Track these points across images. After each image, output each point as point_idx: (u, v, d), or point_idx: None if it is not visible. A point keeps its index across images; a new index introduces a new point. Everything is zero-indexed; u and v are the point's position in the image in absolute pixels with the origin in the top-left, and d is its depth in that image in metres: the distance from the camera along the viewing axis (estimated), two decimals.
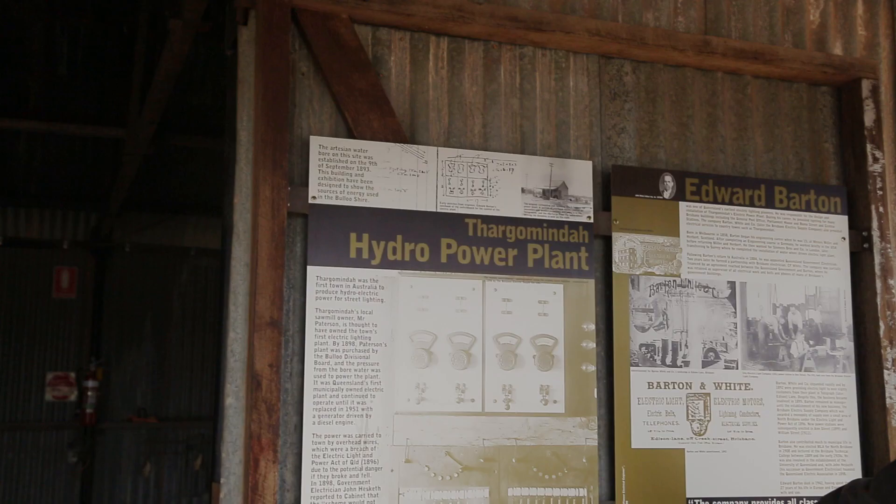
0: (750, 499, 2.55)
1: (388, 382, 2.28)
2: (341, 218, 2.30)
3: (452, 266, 2.39)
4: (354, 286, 2.30)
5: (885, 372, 2.65)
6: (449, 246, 2.39)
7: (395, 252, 2.34)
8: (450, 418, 2.32)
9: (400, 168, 2.38)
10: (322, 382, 2.23)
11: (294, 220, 2.31)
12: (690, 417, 2.54)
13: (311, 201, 2.29)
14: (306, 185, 2.30)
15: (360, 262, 2.31)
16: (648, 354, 2.52)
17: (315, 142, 2.32)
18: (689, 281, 2.59)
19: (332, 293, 2.28)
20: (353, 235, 2.31)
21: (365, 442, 2.24)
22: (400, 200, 2.37)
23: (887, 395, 2.64)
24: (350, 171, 2.33)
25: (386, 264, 2.33)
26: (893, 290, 2.71)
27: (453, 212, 2.41)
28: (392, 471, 2.25)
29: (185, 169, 7.14)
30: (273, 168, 2.23)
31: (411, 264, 2.35)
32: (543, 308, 2.45)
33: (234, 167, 2.31)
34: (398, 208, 2.36)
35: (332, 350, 2.25)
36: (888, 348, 2.66)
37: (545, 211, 2.48)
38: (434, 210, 2.39)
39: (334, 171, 2.31)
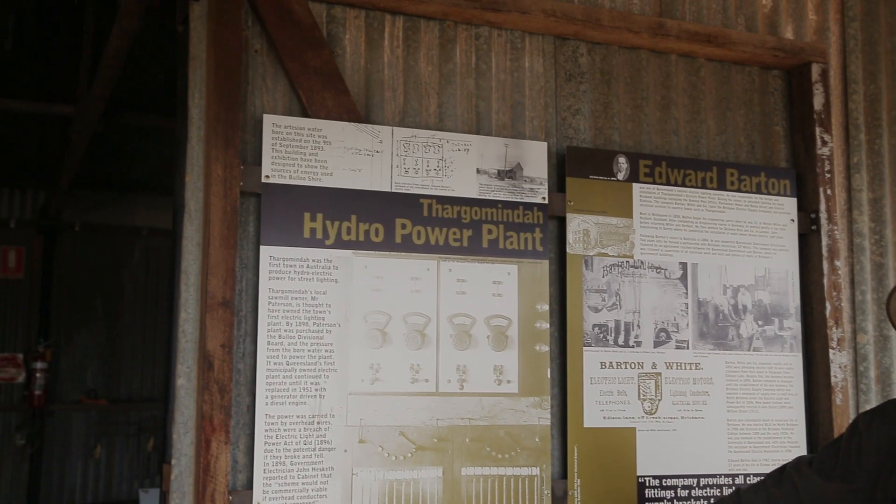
0: (699, 476, 2.60)
1: (342, 363, 2.28)
2: (295, 197, 2.28)
3: (407, 246, 2.38)
4: (308, 266, 2.28)
5: (831, 351, 2.71)
6: (404, 226, 2.38)
7: (349, 232, 2.33)
8: (404, 398, 2.32)
9: (354, 147, 2.36)
10: (275, 363, 2.21)
11: (247, 199, 2.28)
12: (642, 397, 2.57)
13: (264, 180, 2.26)
14: (259, 164, 2.27)
15: (313, 242, 2.29)
16: (601, 335, 2.55)
17: (268, 120, 2.29)
18: (641, 262, 2.61)
19: (286, 273, 2.26)
20: (306, 215, 2.29)
21: (318, 422, 2.23)
22: (354, 180, 2.35)
23: (832, 373, 2.70)
24: (304, 151, 2.31)
25: (340, 244, 2.32)
26: (839, 272, 2.77)
27: (408, 192, 2.40)
28: (345, 451, 2.25)
29: (137, 147, 7.01)
30: (225, 146, 2.20)
31: (366, 244, 2.34)
32: (498, 288, 2.45)
33: (185, 145, 2.27)
34: (353, 188, 2.34)
35: (286, 330, 2.24)
36: (833, 328, 2.72)
37: (500, 192, 2.49)
38: (389, 190, 2.38)
39: (288, 150, 2.29)
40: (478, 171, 2.48)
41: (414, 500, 2.29)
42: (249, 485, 2.19)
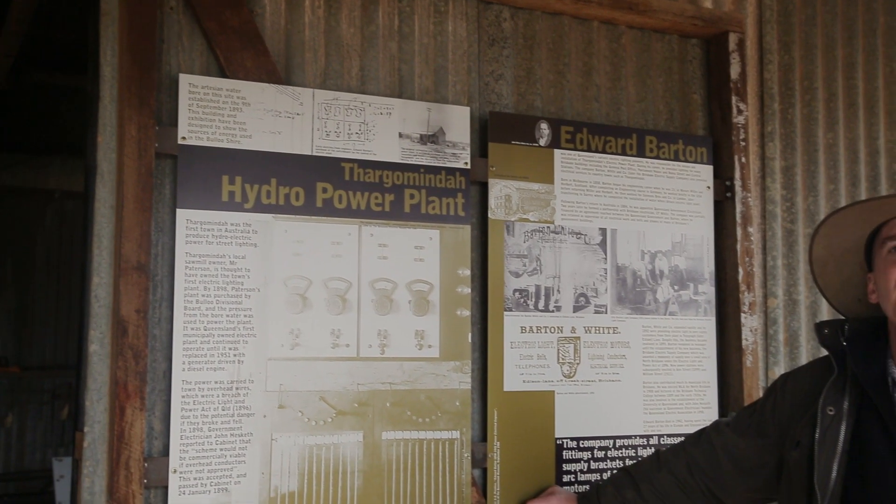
0: (615, 437, 2.65)
1: (262, 328, 2.25)
2: (213, 160, 2.23)
3: (328, 211, 2.36)
4: (227, 230, 2.24)
5: (742, 315, 2.79)
6: (325, 190, 2.36)
7: (269, 196, 2.29)
8: (324, 364, 2.31)
9: (274, 110, 2.32)
10: (192, 328, 2.17)
11: (162, 161, 2.23)
12: (561, 360, 2.61)
13: (180, 142, 2.21)
14: (175, 124, 2.22)
15: (232, 206, 2.25)
16: (522, 299, 2.57)
17: (184, 80, 2.23)
18: (562, 227, 2.64)
19: (203, 237, 2.21)
20: (225, 178, 2.25)
21: (237, 388, 2.21)
22: (274, 143, 2.31)
23: (743, 336, 2.78)
24: (222, 112, 2.26)
25: (259, 208, 2.28)
26: (752, 238, 2.84)
27: (329, 155, 2.37)
28: (265, 416, 2.23)
29: (48, 107, 6.76)
30: (139, 106, 2.13)
31: (286, 208, 2.31)
32: (419, 253, 2.45)
33: (97, 105, 2.20)
34: (273, 151, 2.30)
35: (203, 295, 2.20)
36: (745, 293, 2.80)
37: (422, 156, 2.48)
38: (310, 153, 2.35)
39: (205, 111, 2.23)
40: (400, 135, 2.46)
41: (334, 464, 2.29)
42: (165, 452, 2.15)
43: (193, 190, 2.21)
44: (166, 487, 2.13)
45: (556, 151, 2.65)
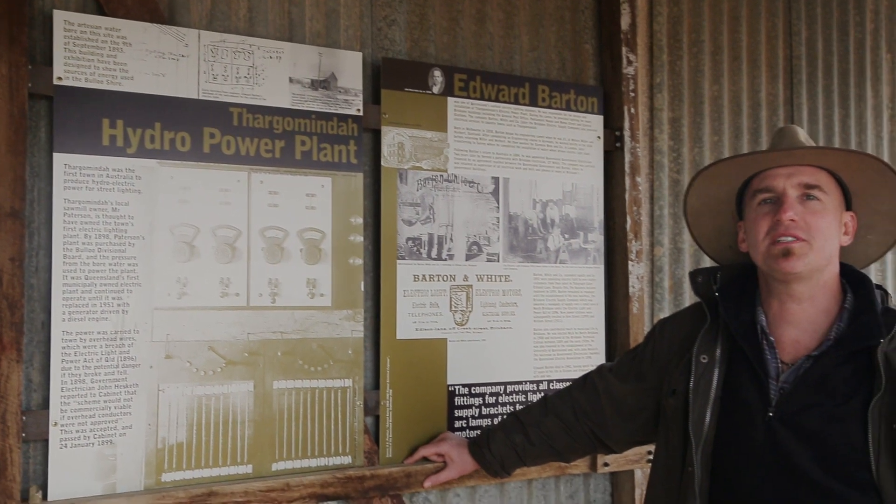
0: (506, 383, 2.70)
1: (147, 277, 2.19)
2: (92, 102, 2.14)
3: (216, 157, 2.29)
4: (108, 176, 2.16)
5: (630, 263, 2.86)
6: (212, 136, 2.29)
7: (153, 141, 2.21)
8: (213, 313, 2.26)
9: (158, 51, 2.23)
10: (72, 277, 2.09)
11: (37, 102, 2.12)
12: (453, 308, 2.62)
13: (56, 83, 2.10)
14: (50, 64, 2.10)
15: (114, 151, 2.17)
16: (415, 248, 2.57)
17: (59, 17, 2.11)
18: (455, 176, 2.64)
19: (83, 183, 2.12)
20: (105, 121, 2.15)
21: (121, 339, 2.14)
22: (158, 86, 2.22)
23: (630, 284, 2.85)
24: (101, 52, 2.16)
25: (143, 153, 2.20)
26: (640, 188, 2.90)
27: (216, 100, 2.30)
28: (151, 367, 2.17)
29: None
30: (9, 44, 2.02)
31: (171, 154, 2.23)
32: (311, 201, 2.42)
33: None
34: (156, 94, 2.22)
35: (84, 243, 2.11)
36: (633, 241, 2.86)
37: (314, 102, 2.43)
38: (196, 97, 2.27)
39: (83, 50, 2.13)
40: (290, 80, 2.40)
41: (224, 414, 2.26)
42: (45, 404, 2.08)
43: (71, 133, 2.11)
44: (46, 441, 2.07)
45: (450, 99, 2.64)
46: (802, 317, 1.81)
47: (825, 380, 1.74)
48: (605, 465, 2.77)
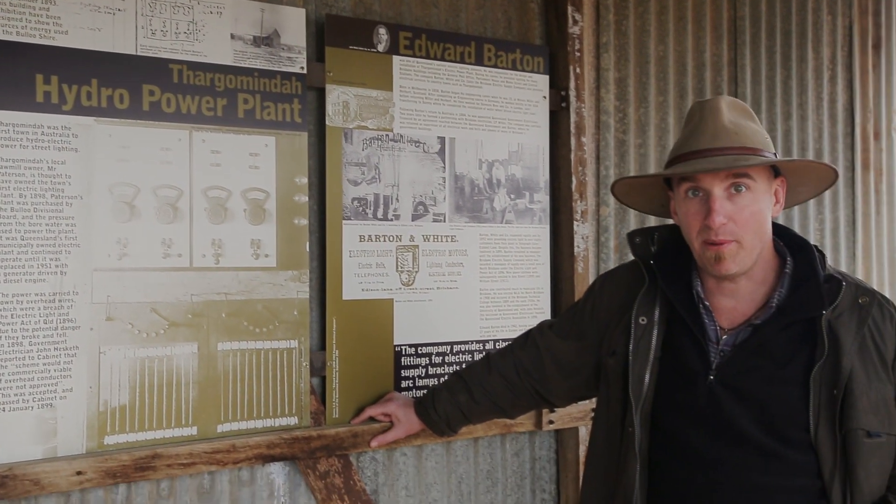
0: (452, 343, 2.71)
1: (86, 237, 2.14)
2: (24, 57, 2.07)
3: (156, 115, 2.24)
4: (43, 133, 2.10)
5: (575, 223, 2.87)
6: (152, 93, 2.24)
7: (89, 98, 2.15)
8: (155, 274, 2.23)
9: (93, 4, 2.16)
10: (7, 238, 2.04)
11: None
12: (400, 269, 2.62)
13: None
14: None
15: (48, 108, 2.10)
16: (360, 208, 2.55)
17: None
18: (401, 136, 2.62)
19: (17, 141, 2.06)
20: (39, 77, 2.09)
21: (60, 300, 2.10)
22: (94, 41, 2.16)
23: (576, 244, 2.87)
24: (33, 5, 2.09)
25: (80, 110, 2.14)
26: (585, 148, 2.91)
27: (156, 56, 2.24)
28: (92, 329, 2.14)
29: None
30: None
31: (109, 111, 2.18)
32: (255, 161, 2.38)
33: None
34: (92, 49, 2.15)
35: (19, 203, 2.06)
36: (578, 201, 2.88)
37: (256, 59, 2.38)
38: (134, 53, 2.22)
39: (12, 2, 2.05)
40: (232, 36, 2.35)
41: (168, 376, 2.24)
42: None
43: (3, 89, 2.04)
44: None
45: (395, 58, 2.61)
46: (739, 290, 1.83)
47: (765, 344, 1.77)
48: (550, 422, 2.81)
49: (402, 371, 2.62)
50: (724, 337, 1.80)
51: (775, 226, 1.88)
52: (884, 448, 1.72)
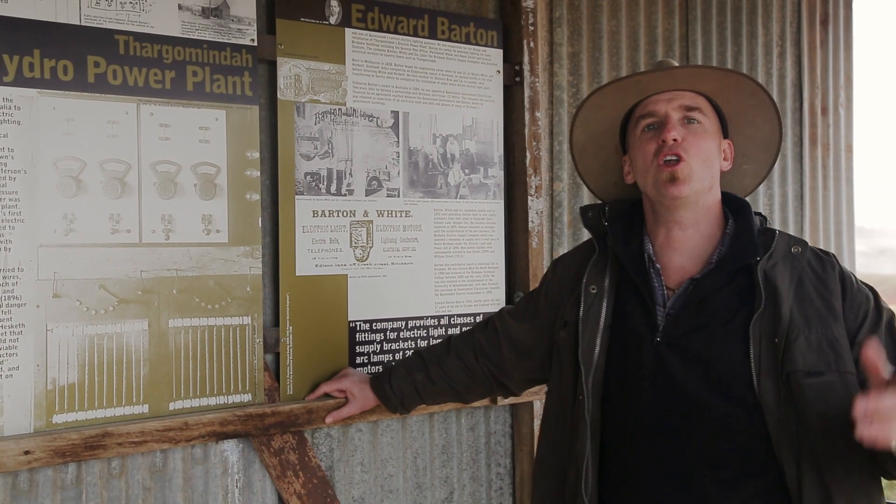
0: (407, 319, 2.70)
1: (31, 213, 2.09)
2: None
3: (102, 87, 2.19)
4: None
5: (530, 198, 2.88)
6: (97, 64, 2.18)
7: (32, 69, 2.09)
8: (103, 250, 2.18)
9: None
10: None
11: None
12: (354, 244, 2.60)
13: None
14: None
15: None
16: (313, 183, 2.52)
17: None
18: (354, 110, 2.59)
19: None
20: None
21: (4, 277, 2.05)
22: (36, 9, 2.10)
23: (530, 219, 2.88)
24: None
25: (22, 82, 2.08)
26: (539, 122, 2.91)
27: (101, 26, 2.19)
28: (38, 306, 2.09)
29: None
30: None
31: (53, 83, 2.12)
32: (205, 135, 2.34)
33: None
34: (33, 19, 2.09)
35: None
36: (532, 176, 2.88)
37: (205, 31, 2.34)
38: (78, 23, 2.16)
39: None
40: (180, 7, 2.30)
41: (118, 353, 2.20)
42: None
43: None
44: None
45: (347, 30, 2.58)
46: (687, 243, 1.87)
47: (708, 302, 1.79)
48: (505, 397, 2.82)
49: (357, 347, 2.60)
50: (670, 299, 1.82)
51: (722, 192, 1.92)
52: (834, 387, 1.67)
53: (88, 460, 2.17)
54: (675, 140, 1.80)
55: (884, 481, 1.77)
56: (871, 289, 1.85)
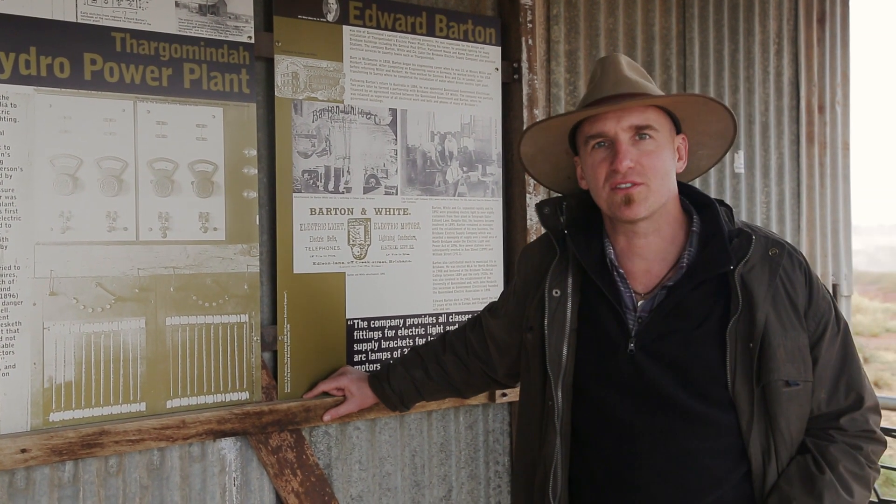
0: (405, 317, 2.70)
1: (27, 210, 2.08)
2: None
3: (98, 84, 2.18)
4: None
5: (528, 196, 2.87)
6: (94, 62, 2.17)
7: (28, 66, 2.08)
8: (100, 248, 2.18)
9: None
10: None
11: None
12: (351, 242, 2.59)
13: None
14: None
15: None
16: (311, 181, 2.52)
17: None
18: (351, 107, 2.59)
19: None
20: None
21: (1, 275, 2.04)
22: (32, 6, 2.09)
23: (528, 217, 2.87)
24: None
25: (18, 79, 2.07)
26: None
27: (97, 23, 2.18)
28: (35, 304, 2.08)
29: None
30: None
31: (49, 80, 2.11)
32: (202, 132, 2.33)
33: None
34: (30, 16, 2.08)
35: None
36: None
37: (202, 28, 2.33)
38: (74, 20, 2.15)
39: None
40: (177, 4, 2.29)
41: (115, 351, 2.19)
42: None
43: None
44: None
45: (345, 28, 2.57)
46: (650, 249, 1.85)
47: (680, 306, 1.78)
48: (503, 395, 2.82)
49: (355, 345, 2.60)
50: (641, 303, 1.81)
51: (680, 185, 1.90)
52: (802, 395, 1.75)
53: (85, 458, 2.16)
54: (629, 168, 1.75)
55: (879, 479, 1.82)
56: (830, 294, 1.86)
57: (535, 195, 2.88)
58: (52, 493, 2.13)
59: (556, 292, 1.89)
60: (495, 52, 2.87)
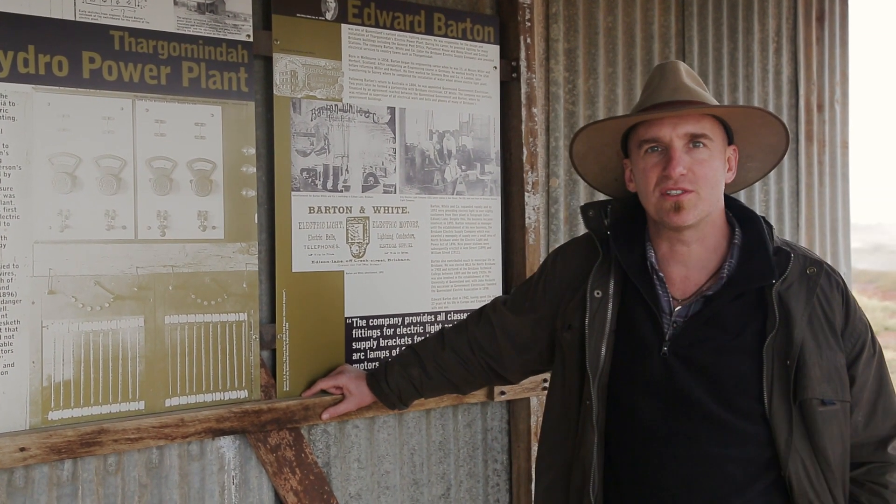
0: (404, 315, 2.70)
1: (25, 209, 2.08)
2: None
3: (97, 83, 2.18)
4: None
5: (526, 194, 2.87)
6: (92, 60, 2.17)
7: (26, 64, 2.08)
8: (99, 246, 2.18)
9: None
10: None
11: None
12: (350, 241, 2.60)
13: None
14: None
15: None
16: (310, 179, 2.52)
17: None
18: (350, 106, 2.59)
19: None
20: None
21: None
22: (30, 5, 2.09)
23: (527, 215, 2.87)
24: None
25: (16, 78, 2.07)
26: (536, 119, 2.91)
27: (95, 22, 2.18)
28: (33, 303, 2.08)
29: None
30: None
31: (48, 79, 2.11)
32: (200, 131, 2.33)
33: None
34: (28, 14, 2.08)
35: None
36: (529, 172, 2.88)
37: (201, 26, 2.33)
38: (73, 19, 2.15)
39: None
40: (175, 2, 2.29)
41: (113, 350, 2.19)
42: None
43: None
44: None
45: (344, 26, 2.57)
46: (692, 256, 1.86)
47: (717, 315, 1.80)
48: (502, 393, 2.82)
49: (354, 343, 2.60)
50: (678, 308, 1.82)
51: (724, 197, 1.90)
52: (838, 415, 1.76)
53: (84, 457, 2.16)
54: (681, 175, 1.77)
55: None
56: (866, 317, 1.88)
57: (533, 194, 2.88)
58: (51, 492, 2.13)
59: (598, 293, 1.90)
60: (494, 51, 2.87)
